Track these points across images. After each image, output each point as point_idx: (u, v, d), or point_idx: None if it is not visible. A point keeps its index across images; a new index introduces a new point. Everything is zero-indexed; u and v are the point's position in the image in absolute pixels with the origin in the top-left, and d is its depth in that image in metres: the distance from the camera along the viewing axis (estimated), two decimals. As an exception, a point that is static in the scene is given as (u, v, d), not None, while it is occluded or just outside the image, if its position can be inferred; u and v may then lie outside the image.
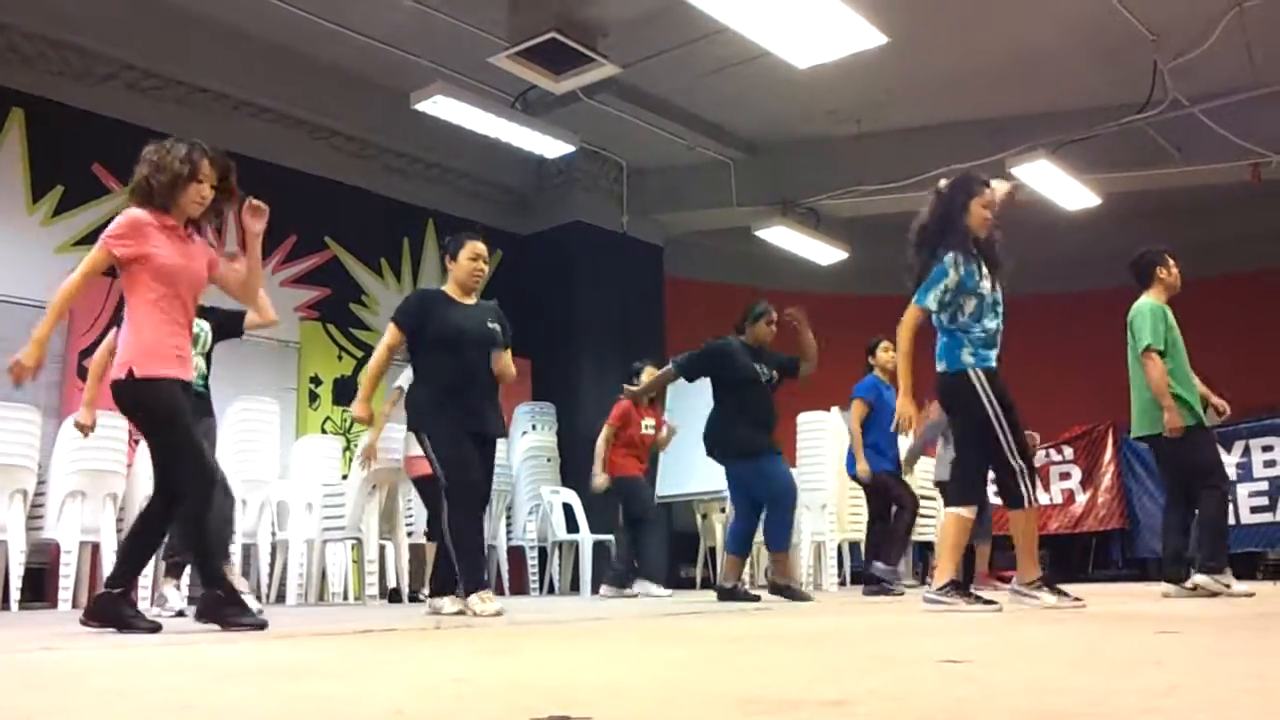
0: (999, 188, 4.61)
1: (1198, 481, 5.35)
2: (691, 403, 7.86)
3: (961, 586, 4.41)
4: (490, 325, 4.89)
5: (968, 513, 4.40)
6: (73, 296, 3.65)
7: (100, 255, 3.63)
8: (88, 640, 3.29)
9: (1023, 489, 4.41)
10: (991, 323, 4.45)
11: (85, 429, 4.83)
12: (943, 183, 4.62)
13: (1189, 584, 5.20)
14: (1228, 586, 5.16)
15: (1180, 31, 7.82)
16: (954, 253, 4.38)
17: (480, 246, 4.96)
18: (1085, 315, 5.65)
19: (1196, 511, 5.34)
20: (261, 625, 3.66)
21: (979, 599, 4.34)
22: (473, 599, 4.56)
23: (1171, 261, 5.54)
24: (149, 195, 3.73)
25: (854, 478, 7.16)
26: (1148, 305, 5.42)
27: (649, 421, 7.69)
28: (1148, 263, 5.55)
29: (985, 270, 4.46)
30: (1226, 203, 10.32)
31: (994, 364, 4.42)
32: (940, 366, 4.46)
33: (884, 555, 6.86)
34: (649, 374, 7.26)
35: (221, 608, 3.72)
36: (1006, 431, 4.36)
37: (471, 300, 4.98)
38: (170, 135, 3.86)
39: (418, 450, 5.21)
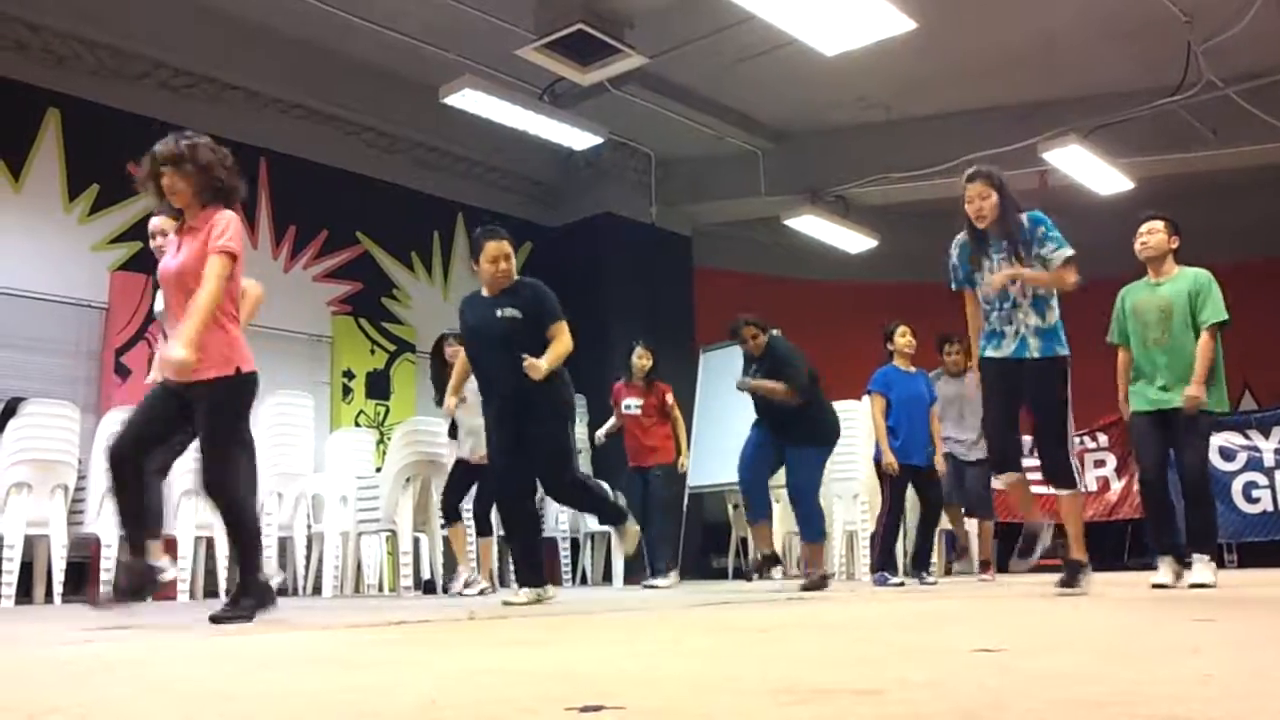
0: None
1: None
2: (721, 392, 7.87)
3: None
4: (503, 315, 4.98)
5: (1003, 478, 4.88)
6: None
7: None
8: (127, 633, 3.34)
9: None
10: (994, 314, 4.70)
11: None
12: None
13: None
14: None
15: (1214, 12, 7.70)
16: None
17: (498, 247, 5.01)
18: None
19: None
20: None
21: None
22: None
23: (1141, 229, 5.31)
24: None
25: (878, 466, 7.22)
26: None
27: (629, 401, 7.72)
28: None
29: (985, 263, 4.69)
30: (1263, 185, 10.16)
31: (988, 354, 4.74)
32: None
33: (872, 561, 7.11)
34: (640, 354, 7.66)
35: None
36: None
37: (498, 291, 5.07)
38: (205, 134, 3.89)
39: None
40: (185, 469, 6.27)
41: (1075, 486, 4.75)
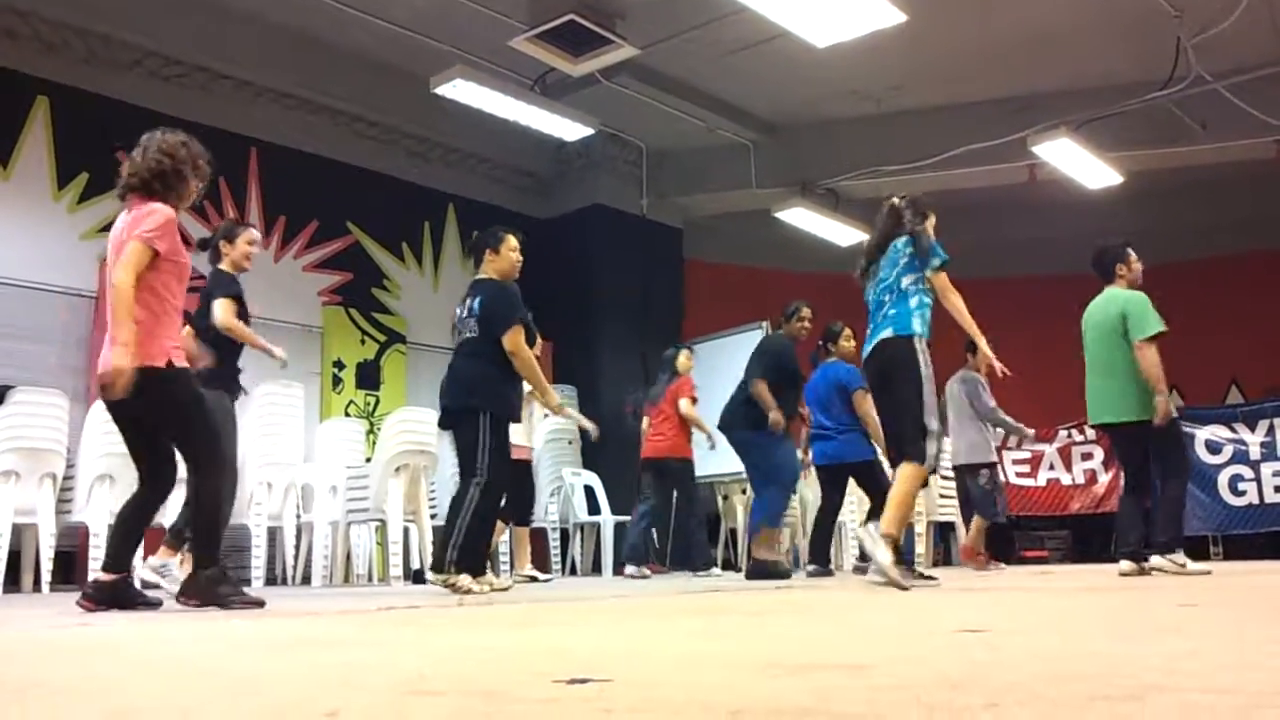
0: None
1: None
2: (708, 385, 7.88)
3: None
4: None
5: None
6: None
7: (144, 253, 3.61)
8: (118, 616, 3.35)
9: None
10: None
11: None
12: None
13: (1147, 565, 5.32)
14: (1183, 566, 5.25)
15: (1203, 7, 7.72)
16: None
17: (518, 240, 5.22)
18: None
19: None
20: (260, 603, 3.72)
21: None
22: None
23: (1133, 256, 5.62)
24: (165, 187, 3.77)
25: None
26: None
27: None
28: (1111, 259, 5.65)
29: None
30: (1250, 179, 10.19)
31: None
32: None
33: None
34: (685, 356, 7.77)
35: (216, 586, 3.72)
36: None
37: None
38: (185, 123, 3.89)
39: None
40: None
41: (918, 460, 4.38)
